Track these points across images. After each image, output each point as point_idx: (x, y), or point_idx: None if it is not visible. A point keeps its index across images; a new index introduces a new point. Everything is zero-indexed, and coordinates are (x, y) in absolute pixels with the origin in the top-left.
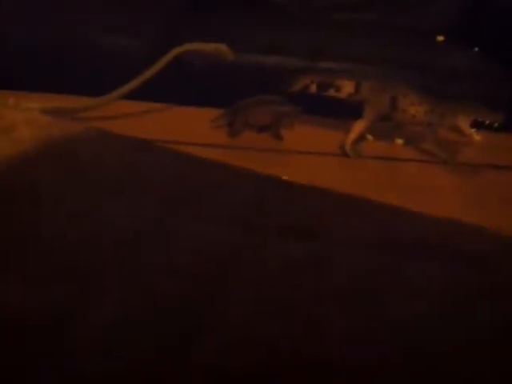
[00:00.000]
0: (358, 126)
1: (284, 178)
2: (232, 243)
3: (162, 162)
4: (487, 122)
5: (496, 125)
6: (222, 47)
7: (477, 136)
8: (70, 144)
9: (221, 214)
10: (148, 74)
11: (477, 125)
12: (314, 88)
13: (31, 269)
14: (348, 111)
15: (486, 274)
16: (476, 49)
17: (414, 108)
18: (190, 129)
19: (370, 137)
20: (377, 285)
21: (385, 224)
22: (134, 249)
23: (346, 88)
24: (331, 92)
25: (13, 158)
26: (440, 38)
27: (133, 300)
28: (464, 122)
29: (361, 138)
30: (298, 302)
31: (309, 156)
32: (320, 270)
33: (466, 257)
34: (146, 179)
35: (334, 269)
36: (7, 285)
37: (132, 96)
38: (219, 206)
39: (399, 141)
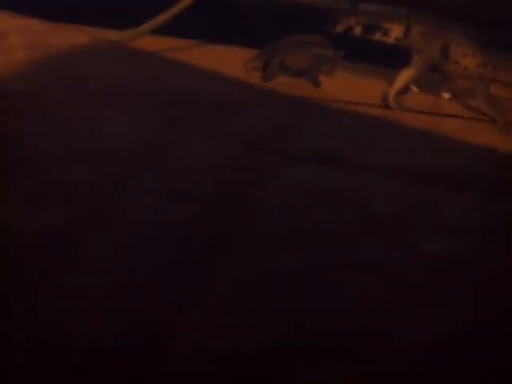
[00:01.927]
0: (404, 76)
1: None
2: (248, 170)
3: (172, 74)
4: None
5: None
6: None
7: None
8: (68, 52)
9: (238, 137)
10: (179, 7)
11: None
12: (358, 30)
13: (28, 187)
14: (394, 58)
15: None
16: None
17: (466, 59)
18: (222, 69)
19: (414, 88)
20: (406, 217)
21: (416, 151)
22: (137, 168)
23: (394, 32)
24: (377, 35)
25: (4, 67)
26: None
27: (135, 229)
28: None
29: (405, 89)
30: (321, 233)
31: (347, 106)
32: (345, 199)
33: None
34: (151, 92)
35: (360, 199)
36: (6, 204)
37: (165, 31)
38: (237, 127)
39: (446, 95)
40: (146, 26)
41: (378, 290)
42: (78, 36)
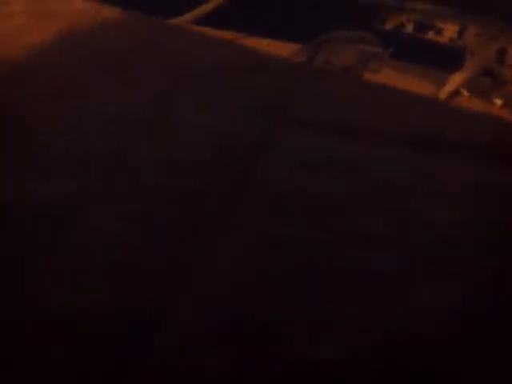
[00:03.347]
0: (457, 79)
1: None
2: (251, 136)
3: (180, 41)
4: None
5: None
6: None
7: None
8: (71, 18)
9: (242, 102)
10: None
11: None
12: (410, 27)
13: (31, 160)
14: (446, 60)
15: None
16: None
17: None
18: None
19: (465, 92)
20: (408, 187)
21: (420, 119)
22: (139, 138)
23: (449, 31)
24: (430, 34)
25: (6, 30)
26: None
27: (138, 197)
28: None
29: (456, 92)
30: (322, 204)
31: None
32: (347, 169)
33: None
34: (158, 58)
35: (362, 168)
36: (7, 178)
37: (205, 23)
38: (240, 92)
39: (498, 101)
40: (188, 16)
41: (381, 259)
42: (78, 2)
